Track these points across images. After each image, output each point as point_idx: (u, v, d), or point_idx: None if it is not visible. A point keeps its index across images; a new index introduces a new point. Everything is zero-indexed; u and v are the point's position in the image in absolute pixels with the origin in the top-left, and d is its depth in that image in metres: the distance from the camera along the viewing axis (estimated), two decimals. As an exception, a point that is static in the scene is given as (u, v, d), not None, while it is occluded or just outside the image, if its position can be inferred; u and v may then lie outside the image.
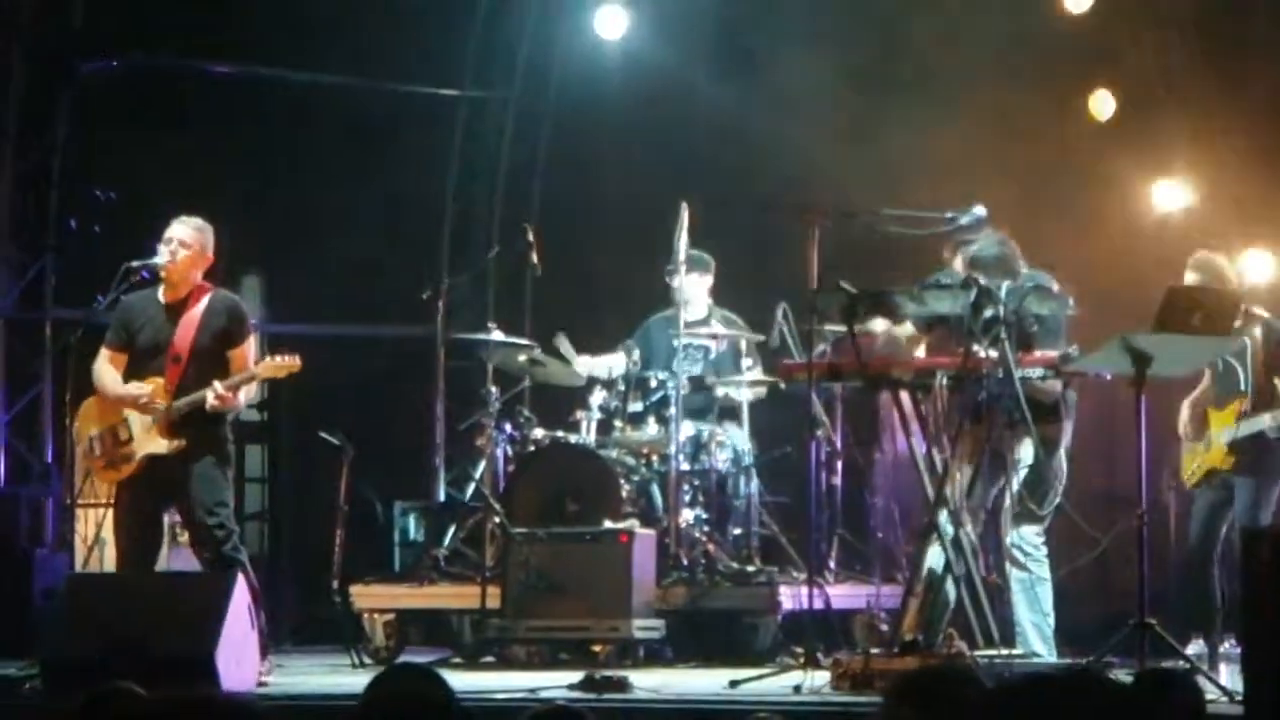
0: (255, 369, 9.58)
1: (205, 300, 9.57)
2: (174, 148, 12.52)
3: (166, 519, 9.96)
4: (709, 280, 11.65)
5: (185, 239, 9.54)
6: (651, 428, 11.29)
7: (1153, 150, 12.38)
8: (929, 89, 12.07)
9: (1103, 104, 12.46)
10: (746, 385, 11.42)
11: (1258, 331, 9.89)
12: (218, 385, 9.40)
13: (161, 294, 9.60)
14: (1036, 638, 9.09)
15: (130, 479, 9.54)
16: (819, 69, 12.07)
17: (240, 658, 8.74)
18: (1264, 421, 9.79)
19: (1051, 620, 9.19)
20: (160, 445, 9.44)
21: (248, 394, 9.68)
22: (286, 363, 9.62)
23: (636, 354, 11.49)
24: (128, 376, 9.57)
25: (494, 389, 11.64)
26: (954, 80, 11.93)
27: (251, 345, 9.67)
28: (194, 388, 9.43)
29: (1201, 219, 11.60)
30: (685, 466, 11.12)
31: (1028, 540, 9.19)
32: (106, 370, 9.62)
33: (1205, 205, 12.05)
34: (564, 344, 11.67)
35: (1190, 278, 9.82)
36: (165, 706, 2.81)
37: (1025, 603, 9.14)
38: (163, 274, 9.56)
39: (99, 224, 12.62)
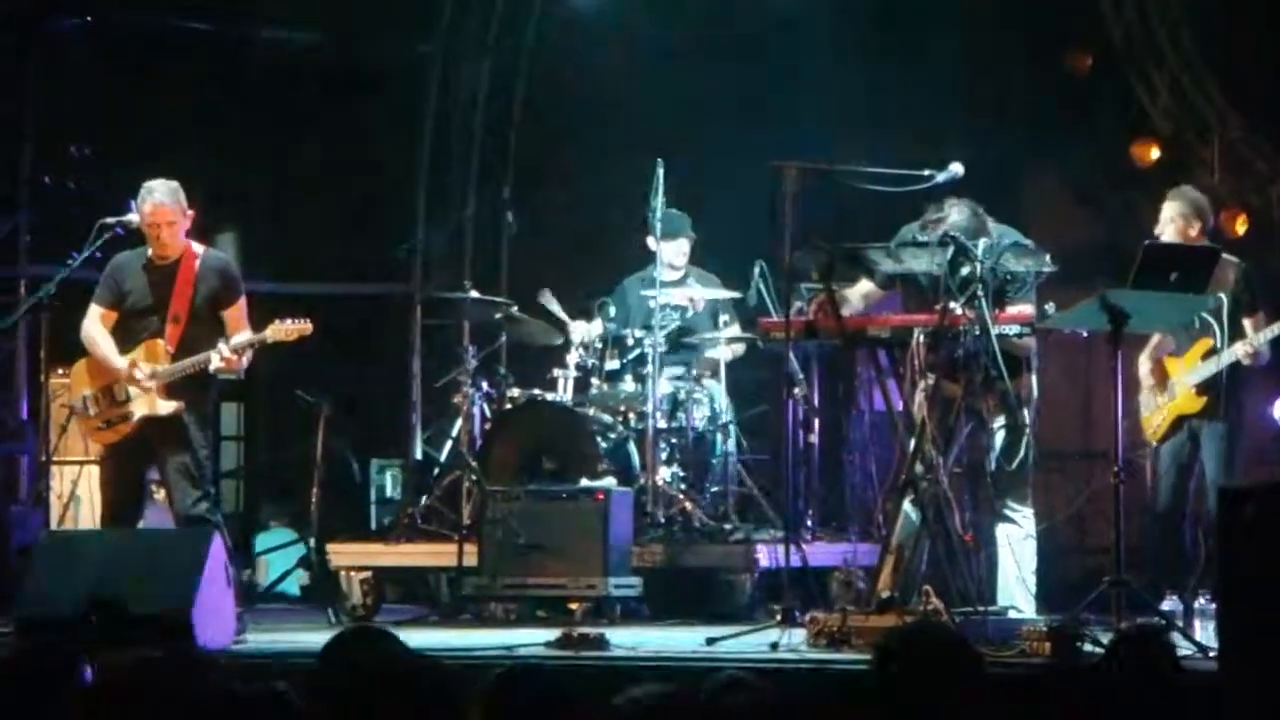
0: (265, 333, 9.42)
1: (197, 261, 9.46)
2: (147, 104, 12.45)
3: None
4: (684, 241, 11.54)
5: (169, 216, 9.34)
6: (629, 385, 11.27)
7: (1130, 106, 12.38)
8: (907, 44, 12.05)
9: (1081, 60, 12.45)
10: (724, 343, 11.39)
11: (1231, 275, 9.75)
12: (224, 348, 9.30)
13: (151, 254, 9.49)
14: (1021, 593, 9.10)
15: (121, 439, 9.49)
16: (808, 34, 12.06)
17: (216, 615, 8.73)
18: (1237, 352, 9.65)
19: (1034, 577, 9.20)
20: (159, 406, 9.36)
21: (248, 357, 9.51)
22: (297, 326, 9.48)
23: (611, 311, 11.45)
24: (119, 335, 9.47)
25: (470, 347, 11.61)
26: (932, 34, 11.93)
27: (244, 305, 9.56)
28: (193, 348, 9.36)
29: (1179, 176, 11.59)
30: (662, 424, 11.10)
31: (1013, 496, 9.21)
32: (99, 331, 9.48)
33: (1182, 162, 12.06)
34: (551, 302, 11.55)
35: (1168, 209, 9.78)
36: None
37: (1011, 558, 9.15)
38: (154, 252, 9.41)
39: (73, 180, 12.54)
